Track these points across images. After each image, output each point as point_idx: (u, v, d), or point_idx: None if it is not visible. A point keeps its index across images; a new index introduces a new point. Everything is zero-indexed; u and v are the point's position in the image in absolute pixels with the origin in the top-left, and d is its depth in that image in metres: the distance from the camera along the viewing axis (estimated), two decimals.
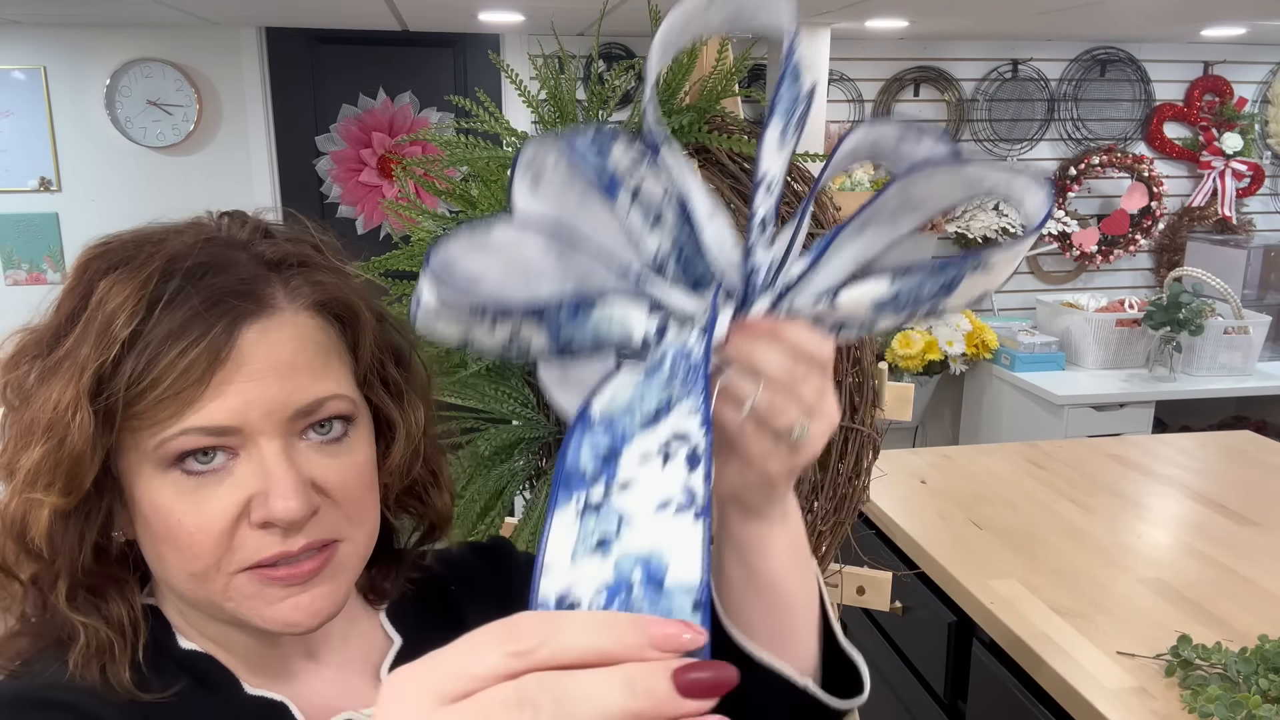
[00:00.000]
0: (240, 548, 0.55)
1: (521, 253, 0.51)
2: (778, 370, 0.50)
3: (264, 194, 3.52)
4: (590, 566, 0.42)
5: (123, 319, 0.53)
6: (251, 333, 0.55)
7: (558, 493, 0.45)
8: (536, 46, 3.52)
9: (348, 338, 0.62)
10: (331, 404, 0.58)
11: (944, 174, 0.49)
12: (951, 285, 0.48)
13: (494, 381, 1.27)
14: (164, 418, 0.53)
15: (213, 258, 0.57)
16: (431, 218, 1.28)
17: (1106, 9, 2.88)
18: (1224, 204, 3.92)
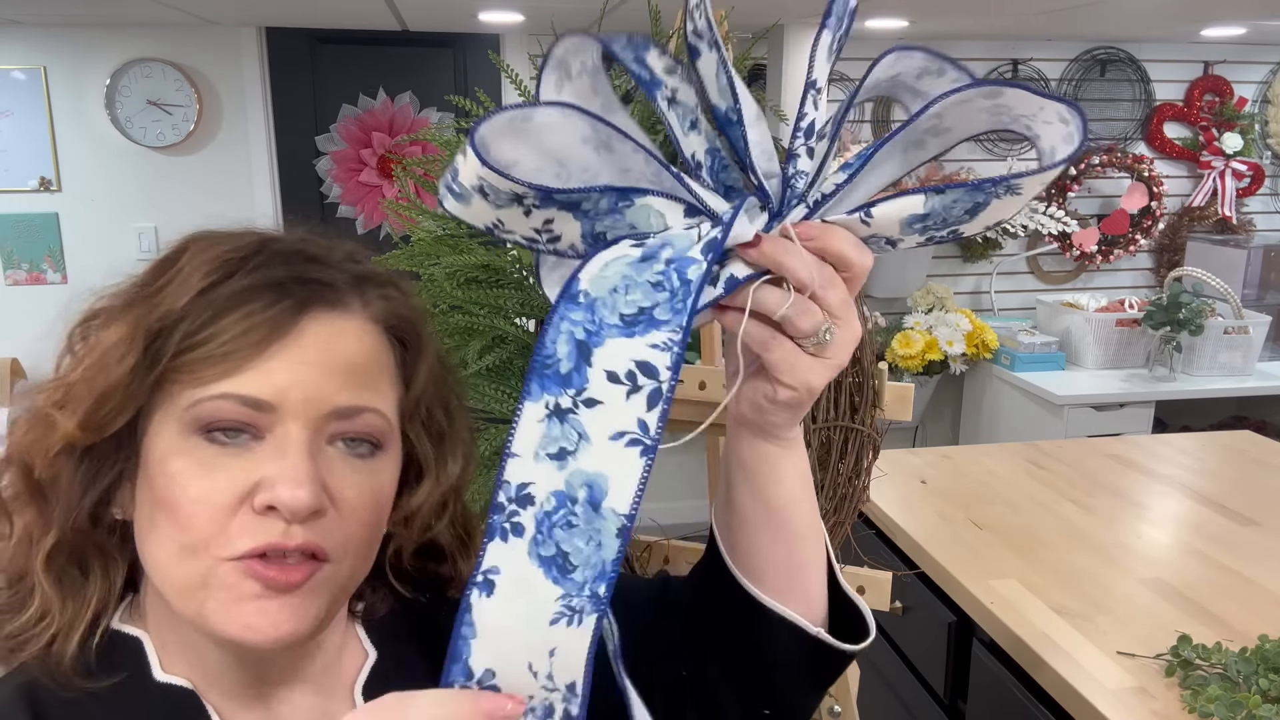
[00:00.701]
0: (235, 531, 0.53)
1: (562, 139, 0.51)
2: (806, 272, 0.50)
3: (264, 194, 3.52)
4: (548, 470, 0.50)
5: (201, 273, 0.54)
6: (318, 319, 0.55)
7: (531, 381, 0.50)
8: (536, 46, 3.52)
9: (405, 365, 0.61)
10: (369, 418, 0.57)
11: (980, 99, 0.49)
12: (978, 208, 0.49)
13: (494, 381, 1.27)
14: (208, 376, 0.53)
15: (304, 250, 0.58)
16: (431, 218, 1.28)
17: (1106, 9, 2.88)
18: (1224, 204, 3.92)
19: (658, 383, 0.48)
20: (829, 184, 0.53)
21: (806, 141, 0.52)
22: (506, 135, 0.50)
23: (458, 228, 1.28)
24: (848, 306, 0.53)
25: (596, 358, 0.49)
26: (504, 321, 1.24)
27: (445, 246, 1.23)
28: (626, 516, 0.48)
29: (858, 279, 0.53)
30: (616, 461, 0.48)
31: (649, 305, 0.49)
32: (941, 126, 0.51)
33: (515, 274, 1.25)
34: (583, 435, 0.49)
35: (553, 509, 0.49)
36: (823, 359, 0.53)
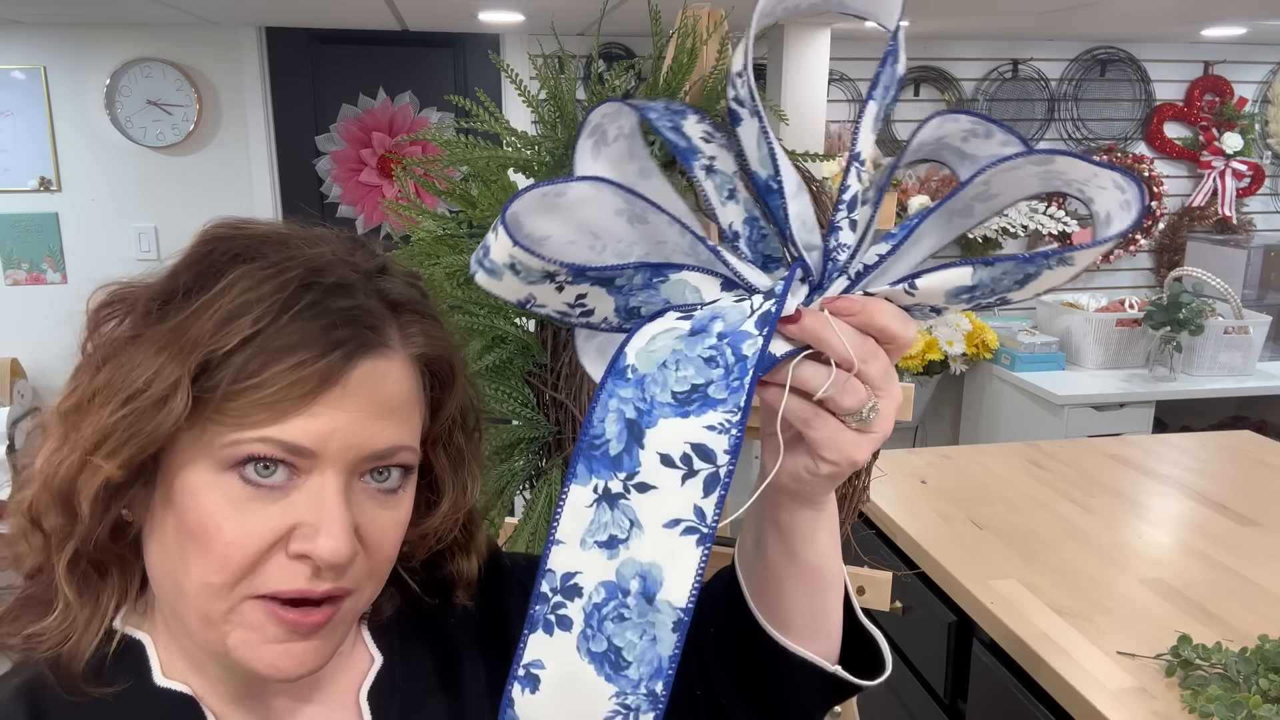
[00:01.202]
0: (266, 573, 0.53)
1: (595, 212, 0.50)
2: (848, 347, 0.49)
3: (264, 194, 3.51)
4: (596, 559, 0.46)
5: (252, 315, 0.52)
6: (364, 366, 0.54)
7: (578, 463, 0.48)
8: (536, 46, 3.52)
9: (434, 393, 0.61)
10: (402, 454, 0.57)
11: (1029, 165, 0.48)
12: (1028, 279, 0.48)
13: (494, 381, 1.27)
14: (251, 422, 0.52)
15: (347, 281, 0.56)
16: (431, 218, 1.28)
17: (1106, 9, 2.88)
18: (1224, 204, 3.92)
19: (715, 467, 0.45)
20: (871, 255, 0.51)
21: (849, 214, 0.51)
22: (539, 211, 0.49)
23: (458, 227, 1.28)
24: (889, 377, 0.52)
25: (649, 439, 0.46)
26: (504, 321, 1.24)
27: (445, 246, 1.23)
28: (683, 610, 0.45)
29: (901, 350, 0.52)
30: (671, 551, 0.45)
31: (702, 383, 0.47)
32: (989, 193, 0.50)
33: None
34: (635, 522, 0.46)
35: (602, 600, 0.46)
36: (867, 433, 0.52)
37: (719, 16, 1.26)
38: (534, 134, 1.27)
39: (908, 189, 3.57)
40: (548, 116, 1.25)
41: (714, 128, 0.54)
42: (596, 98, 1.21)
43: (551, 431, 1.29)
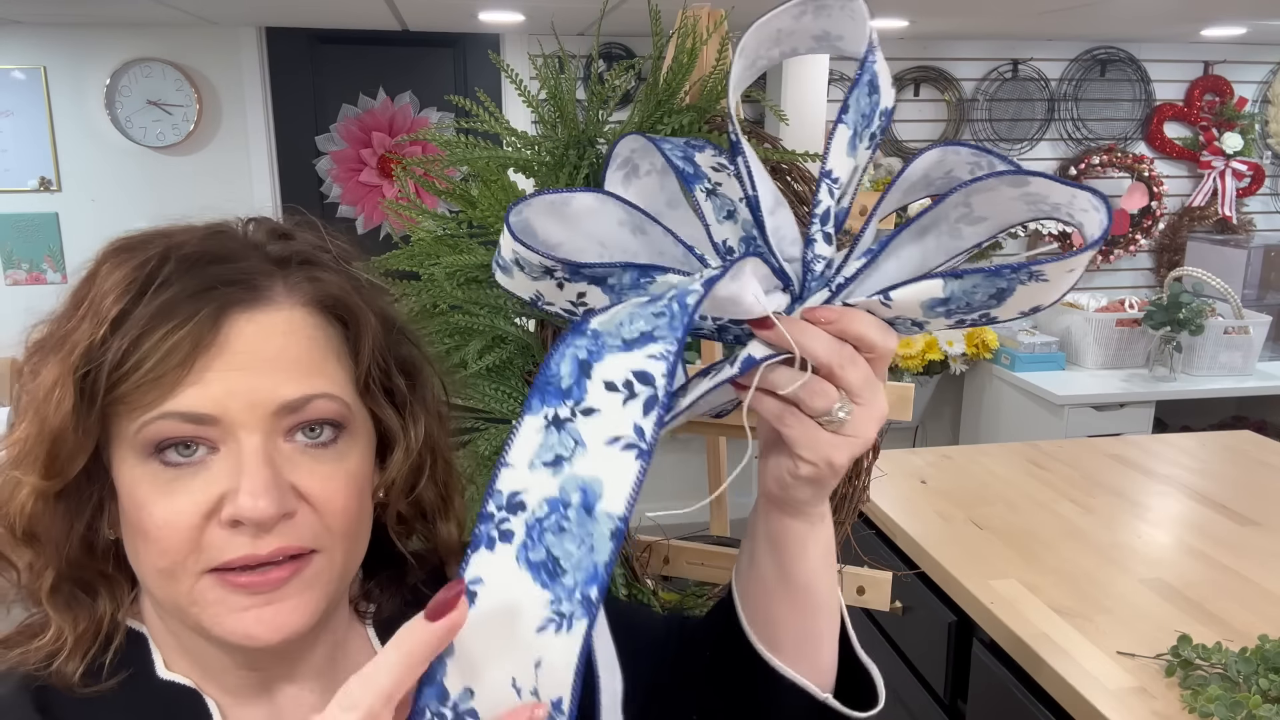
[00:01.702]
0: (208, 547, 0.53)
1: (600, 223, 0.54)
2: (822, 351, 0.52)
3: (264, 194, 3.52)
4: (542, 477, 0.49)
5: (112, 298, 0.53)
6: (240, 321, 0.54)
7: (533, 398, 0.51)
8: (536, 46, 3.52)
9: (349, 341, 0.60)
10: (320, 404, 0.56)
11: (1005, 187, 0.50)
12: (1003, 294, 0.50)
13: (494, 381, 1.27)
14: (145, 402, 0.52)
15: (215, 248, 0.56)
16: (431, 218, 1.28)
17: (1106, 9, 2.88)
18: (1224, 204, 3.92)
19: (653, 389, 0.48)
20: (850, 268, 0.54)
21: (822, 227, 0.54)
22: (547, 216, 0.53)
23: (458, 227, 1.28)
24: (871, 386, 0.53)
25: (596, 371, 0.49)
26: (504, 321, 1.24)
27: (445, 246, 1.23)
28: (620, 519, 0.47)
29: (882, 359, 0.54)
30: (612, 465, 0.48)
31: (649, 329, 0.50)
32: (974, 215, 0.52)
33: None
34: (579, 441, 0.49)
35: (544, 514, 0.49)
36: (844, 436, 0.54)
37: (719, 16, 1.27)
38: (534, 134, 1.27)
39: None
40: (548, 116, 1.25)
41: (728, 160, 0.58)
42: (597, 97, 1.22)
43: None
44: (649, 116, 1.21)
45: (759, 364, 0.53)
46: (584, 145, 1.24)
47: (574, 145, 1.24)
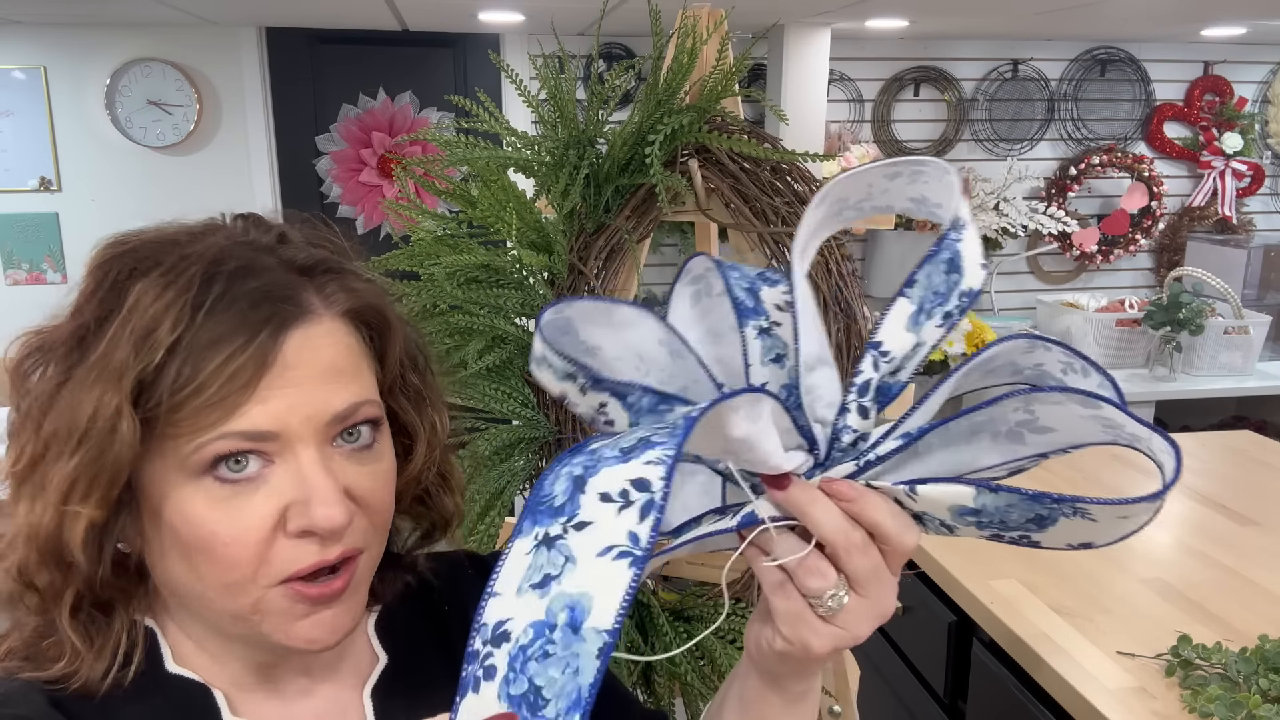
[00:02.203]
0: (276, 559, 0.54)
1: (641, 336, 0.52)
2: (829, 529, 0.47)
3: (264, 194, 3.52)
4: (529, 600, 0.45)
5: (167, 324, 0.52)
6: (295, 338, 0.55)
7: (523, 521, 0.47)
8: (536, 46, 3.52)
9: (375, 345, 0.62)
10: (364, 409, 0.58)
11: (1076, 407, 0.47)
12: (1044, 522, 0.46)
13: (494, 381, 1.27)
14: (206, 424, 0.52)
15: (249, 262, 0.56)
16: (431, 218, 1.28)
17: (1106, 9, 2.88)
18: (1224, 204, 3.92)
19: (650, 495, 0.44)
20: (885, 446, 0.50)
21: (860, 399, 0.50)
22: (592, 321, 0.52)
23: (458, 227, 1.28)
24: (877, 580, 0.49)
25: (591, 485, 0.46)
26: (504, 321, 1.24)
27: (445, 246, 1.23)
28: (609, 633, 0.43)
29: (897, 554, 0.49)
30: (602, 577, 0.44)
31: (648, 435, 0.47)
32: (1039, 424, 0.49)
33: (515, 274, 1.25)
34: (569, 558, 0.45)
35: (529, 641, 0.44)
36: (831, 625, 0.49)
37: (719, 16, 1.26)
38: (534, 134, 1.27)
39: None
40: (548, 116, 1.25)
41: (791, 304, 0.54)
42: (597, 98, 1.22)
43: (551, 431, 1.29)
44: (649, 116, 1.21)
45: (761, 524, 0.49)
46: (584, 145, 1.24)
47: (574, 145, 1.24)
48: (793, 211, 1.23)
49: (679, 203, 1.27)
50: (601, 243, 1.27)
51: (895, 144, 3.80)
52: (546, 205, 1.28)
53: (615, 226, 1.27)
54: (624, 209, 1.27)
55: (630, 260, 1.29)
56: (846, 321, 1.23)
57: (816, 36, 3.09)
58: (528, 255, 1.21)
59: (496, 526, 1.28)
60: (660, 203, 1.21)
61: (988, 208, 3.62)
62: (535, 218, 1.24)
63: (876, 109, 3.76)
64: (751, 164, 1.24)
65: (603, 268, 1.28)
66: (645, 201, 1.27)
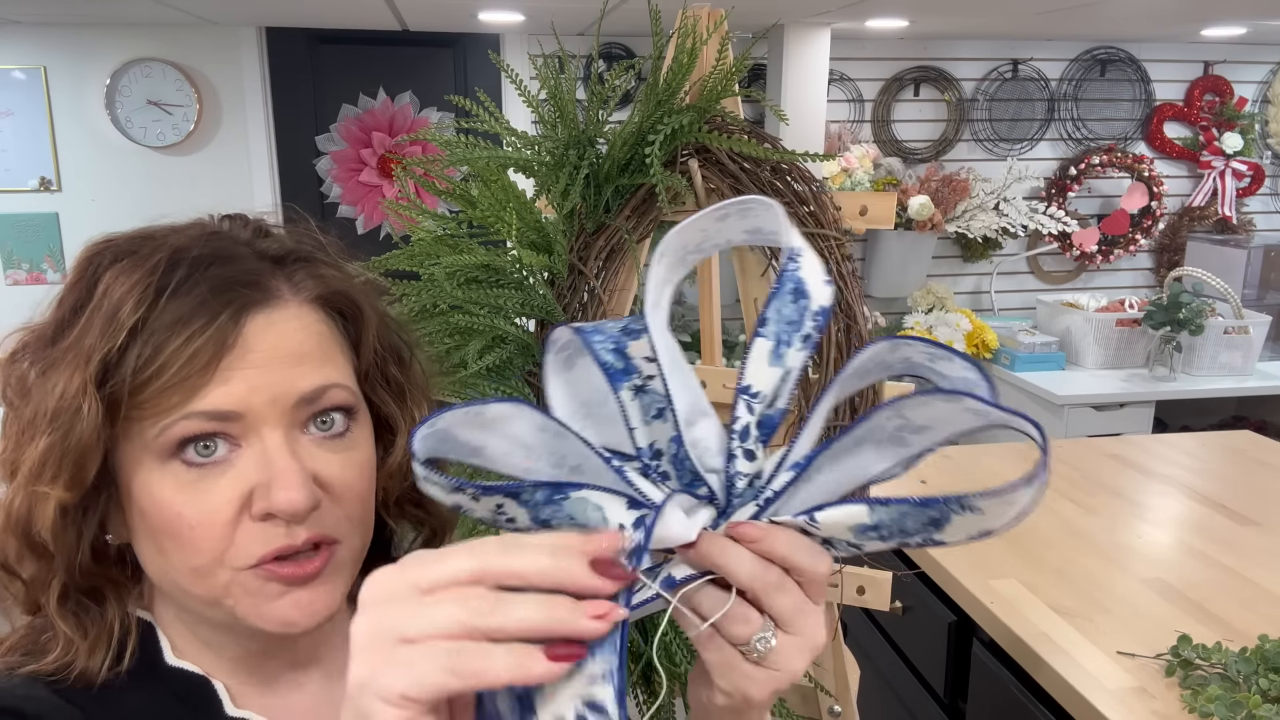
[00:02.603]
0: (242, 542, 0.54)
1: (521, 428, 0.51)
2: (745, 574, 0.47)
3: (264, 194, 3.52)
4: None
5: (129, 306, 0.53)
6: (257, 321, 0.55)
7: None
8: (536, 46, 3.52)
9: (350, 333, 0.62)
10: (334, 393, 0.58)
11: (941, 403, 0.48)
12: (939, 522, 0.47)
13: (494, 381, 1.27)
14: (168, 406, 0.53)
15: (217, 250, 0.57)
16: (431, 218, 1.28)
17: (1106, 9, 2.88)
18: (1224, 204, 3.92)
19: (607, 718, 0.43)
20: (779, 480, 0.49)
21: (743, 443, 0.50)
22: (466, 426, 0.50)
23: (458, 227, 1.28)
24: (801, 614, 0.48)
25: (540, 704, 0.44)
26: (504, 321, 1.24)
27: (445, 246, 1.23)
28: None
29: (814, 584, 0.48)
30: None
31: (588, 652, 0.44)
32: (915, 424, 0.49)
33: (515, 274, 1.25)
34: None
35: None
36: (765, 668, 0.48)
37: (719, 16, 1.27)
38: (534, 134, 1.27)
39: (908, 189, 3.57)
40: (548, 116, 1.25)
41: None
42: (597, 97, 1.22)
43: None
44: (649, 116, 1.21)
45: (679, 585, 0.48)
46: (584, 145, 1.24)
47: (574, 145, 1.24)
48: (792, 211, 1.23)
49: (679, 203, 1.27)
50: (601, 243, 1.27)
51: (895, 144, 3.80)
52: (546, 205, 1.28)
53: (615, 226, 1.27)
54: (624, 209, 1.27)
55: (630, 260, 1.29)
56: (846, 321, 1.23)
57: (816, 36, 3.09)
58: (528, 255, 1.21)
59: None
60: (660, 203, 1.21)
61: (988, 208, 3.62)
62: (535, 218, 1.24)
63: (876, 109, 3.76)
64: (751, 164, 1.24)
65: (603, 268, 1.28)
66: (645, 201, 1.27)
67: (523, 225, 1.22)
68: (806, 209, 1.24)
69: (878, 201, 1.27)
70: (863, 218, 1.29)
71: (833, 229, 1.23)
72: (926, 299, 3.73)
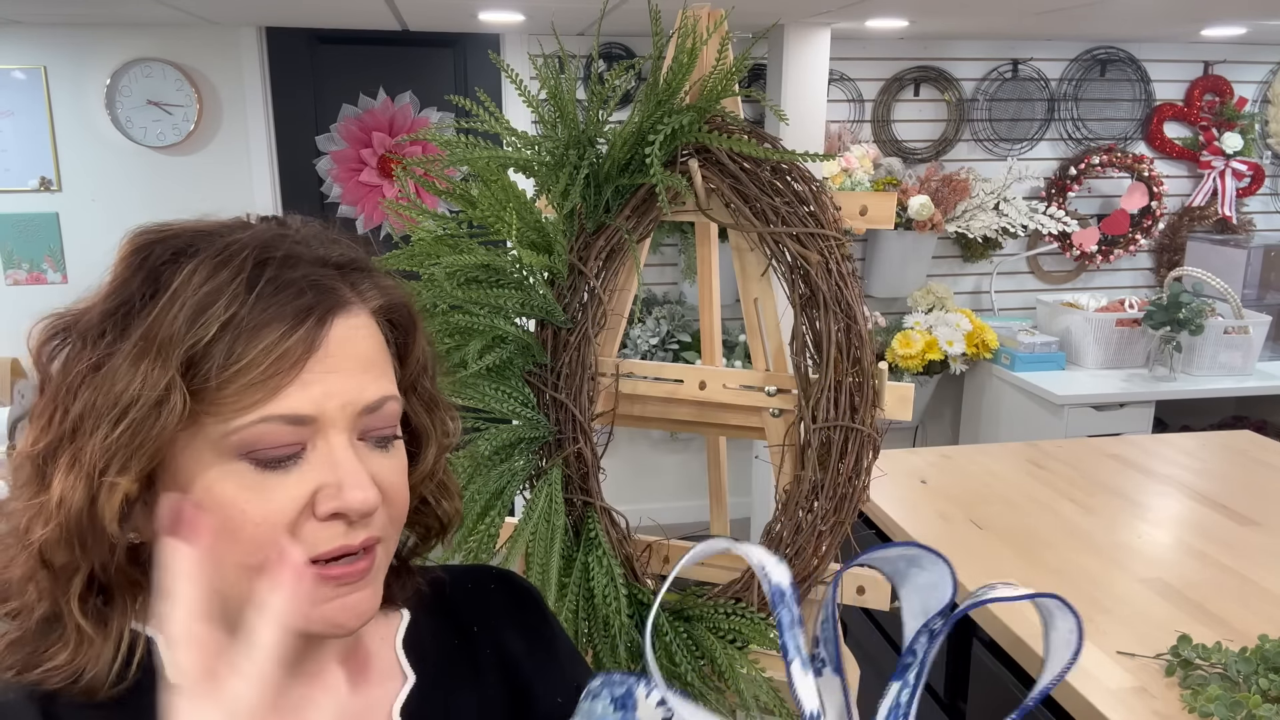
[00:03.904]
0: (303, 540, 0.55)
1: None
2: None
3: (264, 194, 3.51)
4: None
5: (222, 302, 0.53)
6: (339, 326, 0.56)
7: None
8: (536, 46, 3.52)
9: (398, 344, 0.63)
10: (391, 404, 0.59)
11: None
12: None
13: (494, 381, 1.27)
14: (248, 404, 0.53)
15: (292, 252, 0.58)
16: (432, 217, 1.28)
17: (1106, 9, 2.88)
18: (1224, 204, 3.92)
19: None
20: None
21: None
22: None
23: (458, 227, 1.28)
24: None
25: None
26: (504, 321, 1.24)
27: (445, 246, 1.23)
28: None
29: None
30: None
31: None
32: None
33: (515, 274, 1.25)
34: None
35: None
36: None
37: (719, 16, 1.26)
38: (534, 134, 1.27)
39: (908, 189, 3.56)
40: (548, 116, 1.25)
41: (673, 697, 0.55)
42: (597, 97, 1.22)
43: (551, 431, 1.29)
44: (649, 116, 1.21)
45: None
46: (584, 145, 1.24)
47: (574, 145, 1.24)
48: (792, 211, 1.23)
49: (679, 203, 1.27)
50: (601, 243, 1.27)
51: (895, 144, 3.80)
52: (546, 205, 1.28)
53: (615, 226, 1.27)
54: (624, 209, 1.27)
55: (630, 260, 1.29)
56: (846, 321, 1.23)
57: (816, 36, 3.08)
58: (528, 255, 1.21)
59: (496, 527, 1.28)
60: (660, 203, 1.21)
61: (988, 208, 3.62)
62: (535, 218, 1.24)
63: (876, 109, 3.76)
64: (751, 164, 1.24)
65: (603, 268, 1.28)
66: (645, 201, 1.27)
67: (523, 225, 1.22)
68: (806, 209, 1.24)
69: (878, 201, 1.27)
70: (863, 218, 1.28)
71: (833, 229, 1.23)
72: (926, 299, 3.73)
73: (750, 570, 1.29)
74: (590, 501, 1.30)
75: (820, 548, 1.26)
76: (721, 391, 1.34)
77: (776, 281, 1.28)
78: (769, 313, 1.30)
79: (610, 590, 1.26)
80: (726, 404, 1.34)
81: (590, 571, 1.28)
